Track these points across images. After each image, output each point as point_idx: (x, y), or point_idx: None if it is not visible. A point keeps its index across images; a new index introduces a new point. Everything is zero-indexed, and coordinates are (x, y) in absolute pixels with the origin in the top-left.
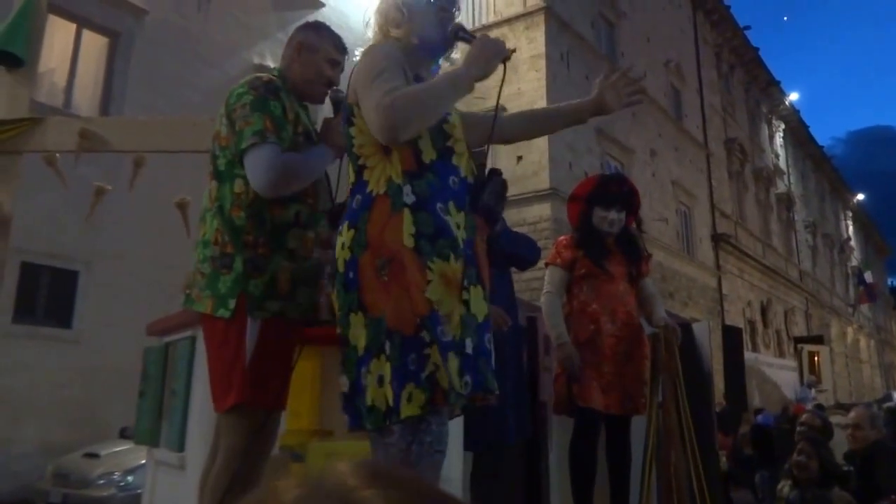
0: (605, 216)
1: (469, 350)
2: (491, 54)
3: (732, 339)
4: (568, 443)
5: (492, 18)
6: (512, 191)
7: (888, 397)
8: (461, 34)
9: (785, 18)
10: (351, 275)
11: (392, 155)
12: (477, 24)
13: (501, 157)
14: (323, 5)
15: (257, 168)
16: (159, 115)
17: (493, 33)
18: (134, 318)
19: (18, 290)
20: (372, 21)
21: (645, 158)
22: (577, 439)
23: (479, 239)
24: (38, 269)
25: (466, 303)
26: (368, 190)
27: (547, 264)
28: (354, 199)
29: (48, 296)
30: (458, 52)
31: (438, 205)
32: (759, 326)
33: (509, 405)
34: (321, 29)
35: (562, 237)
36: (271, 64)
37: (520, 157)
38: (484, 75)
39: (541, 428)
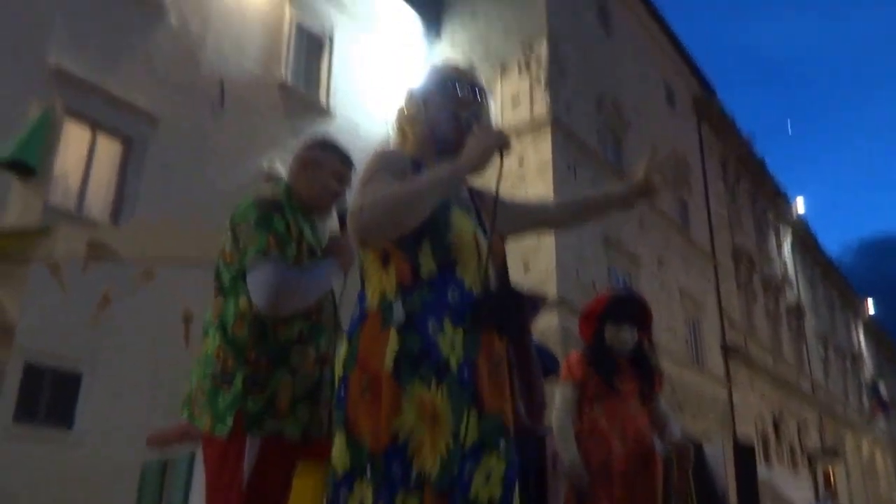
0: (617, 334)
1: (445, 485)
2: (486, 145)
3: (745, 460)
4: None
5: None
6: None
7: None
8: (470, 126)
9: (789, 129)
10: (342, 392)
11: (389, 266)
12: None
13: (510, 266)
14: (333, 113)
15: (260, 286)
16: (169, 219)
17: None
18: (136, 422)
19: (21, 390)
20: (393, 118)
21: (652, 268)
22: None
23: (482, 359)
24: (42, 369)
25: (455, 433)
26: (365, 303)
27: (558, 381)
28: (356, 311)
29: (51, 396)
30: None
31: (430, 322)
32: (772, 439)
33: None
34: (326, 144)
35: (573, 353)
36: (281, 169)
37: (527, 266)
38: (477, 168)
39: None
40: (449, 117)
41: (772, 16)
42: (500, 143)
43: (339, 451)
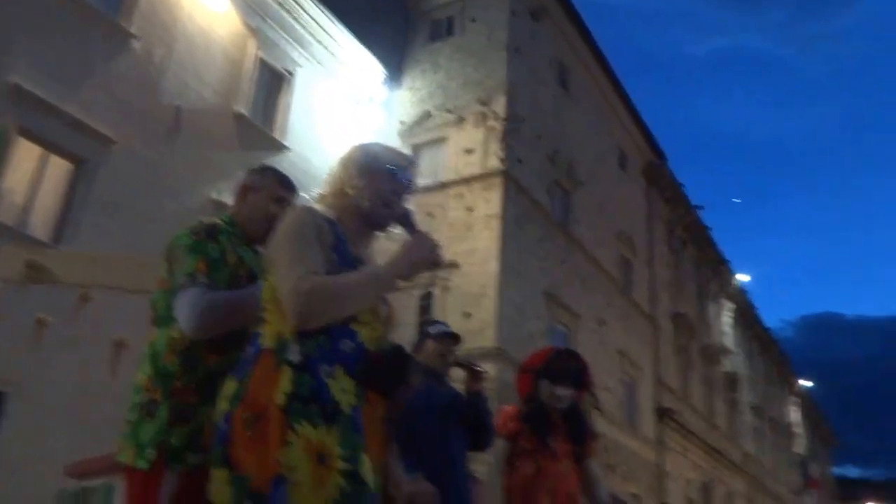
0: (553, 391)
1: None
2: (418, 260)
3: None
4: None
5: (451, 177)
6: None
7: None
8: (405, 222)
9: (739, 201)
10: (223, 427)
11: None
12: (436, 181)
13: (450, 312)
14: (287, 149)
15: (183, 308)
16: (115, 243)
17: (452, 191)
18: (61, 448)
19: None
20: (336, 166)
21: (592, 326)
22: None
23: (367, 413)
24: None
25: (347, 472)
26: (259, 343)
27: None
28: (247, 350)
29: None
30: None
31: (323, 367)
32: None
33: None
34: (265, 170)
35: (508, 407)
36: (229, 201)
37: (468, 314)
38: (407, 278)
39: None
40: (386, 201)
41: (728, 97)
42: (431, 261)
43: (220, 486)
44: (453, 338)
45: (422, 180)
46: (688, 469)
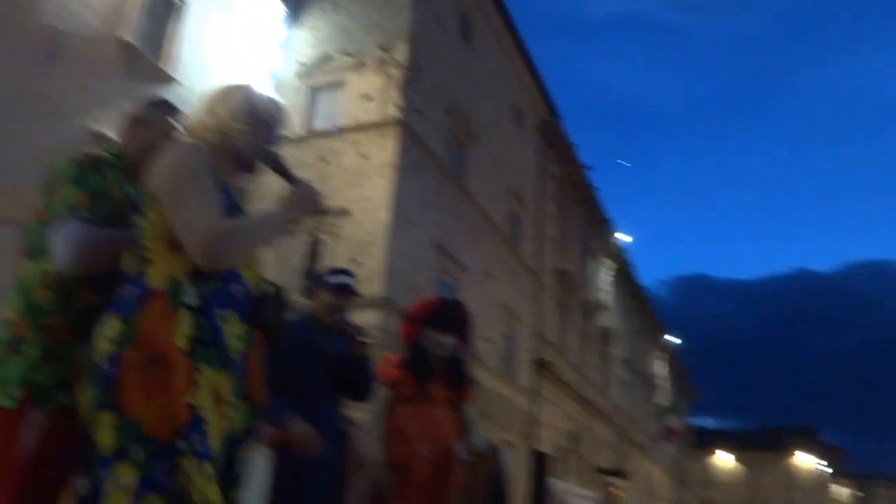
0: (435, 339)
1: (220, 464)
2: (303, 207)
3: (541, 465)
4: None
5: (347, 122)
6: None
7: None
8: (275, 165)
9: (628, 165)
10: (111, 370)
11: (179, 252)
12: (332, 126)
13: (339, 260)
14: (176, 82)
15: (59, 242)
16: None
17: (348, 137)
18: None
19: None
20: (214, 104)
21: (479, 279)
22: None
23: (255, 354)
24: None
25: (230, 418)
26: (147, 284)
27: None
28: (129, 290)
29: None
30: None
31: (217, 311)
32: (568, 455)
33: None
34: (160, 103)
35: (390, 354)
36: (107, 132)
37: (358, 262)
38: (295, 225)
39: None
40: (259, 147)
41: (624, 61)
42: (314, 208)
43: (106, 430)
44: (352, 293)
45: (318, 124)
46: (560, 418)
